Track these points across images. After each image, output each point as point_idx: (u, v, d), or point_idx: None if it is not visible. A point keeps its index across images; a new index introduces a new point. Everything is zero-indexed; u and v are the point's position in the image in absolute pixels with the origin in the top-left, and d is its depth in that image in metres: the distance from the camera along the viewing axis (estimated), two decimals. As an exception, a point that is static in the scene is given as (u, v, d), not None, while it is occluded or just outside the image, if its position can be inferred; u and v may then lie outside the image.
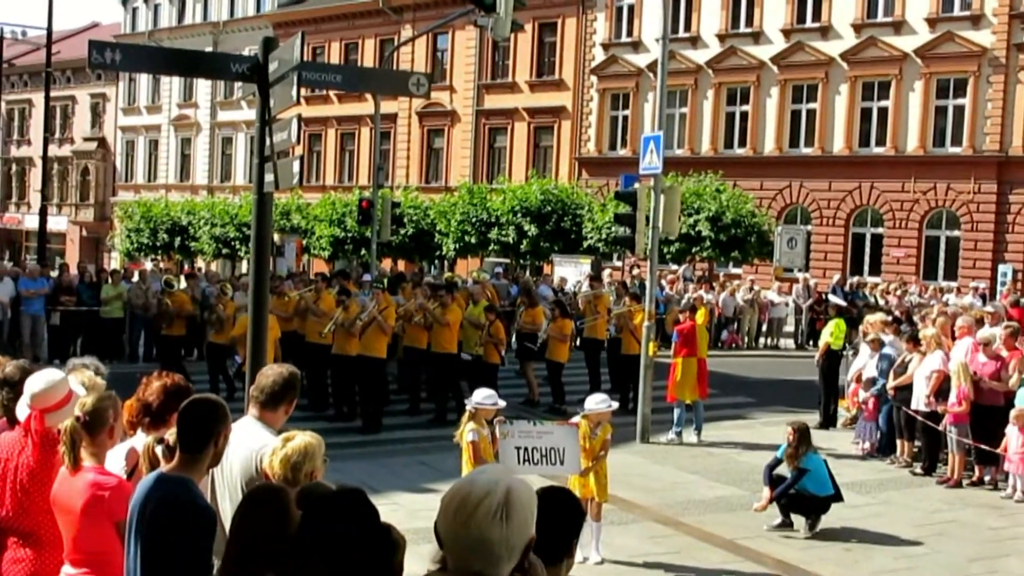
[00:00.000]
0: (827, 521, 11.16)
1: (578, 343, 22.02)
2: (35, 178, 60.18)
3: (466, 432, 9.32)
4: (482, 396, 9.55)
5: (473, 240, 36.92)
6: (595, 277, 25.47)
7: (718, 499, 12.42)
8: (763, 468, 11.59)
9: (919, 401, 14.01)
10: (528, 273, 35.01)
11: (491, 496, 2.78)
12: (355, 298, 16.97)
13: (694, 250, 32.61)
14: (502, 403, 9.78)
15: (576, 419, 10.14)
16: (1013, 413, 12.90)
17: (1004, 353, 13.72)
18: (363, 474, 12.32)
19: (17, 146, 69.09)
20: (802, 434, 11.14)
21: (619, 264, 36.47)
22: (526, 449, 9.47)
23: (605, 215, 31.82)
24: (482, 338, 17.30)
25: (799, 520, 11.15)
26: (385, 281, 21.64)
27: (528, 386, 18.88)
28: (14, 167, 69.47)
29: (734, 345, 28.62)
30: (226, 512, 5.36)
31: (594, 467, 9.91)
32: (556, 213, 35.39)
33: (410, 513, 10.46)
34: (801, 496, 11.11)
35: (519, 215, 35.48)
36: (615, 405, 10.48)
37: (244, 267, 40.61)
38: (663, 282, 27.62)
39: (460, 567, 2.80)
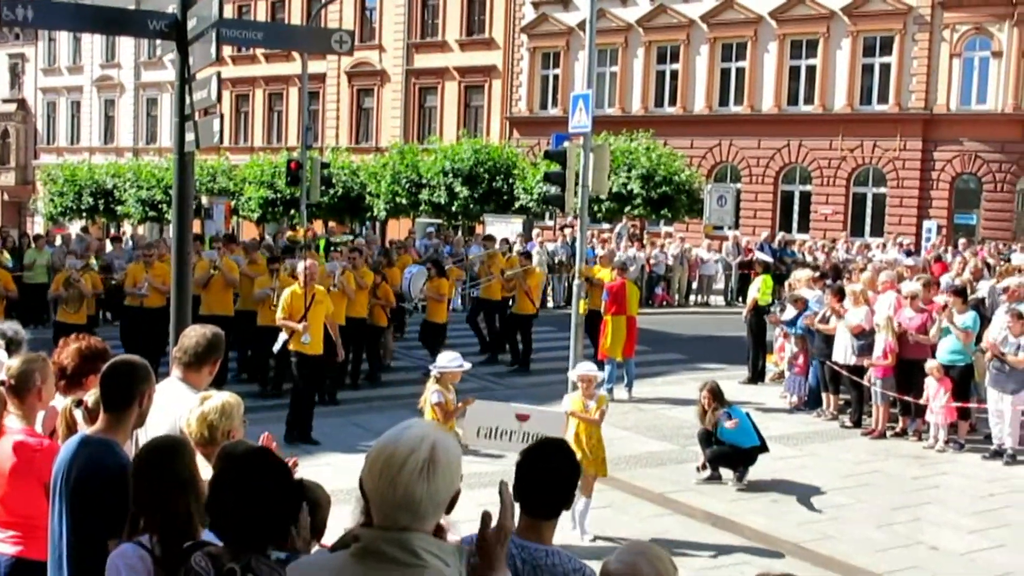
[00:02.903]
0: (755, 473, 11.36)
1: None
2: (-48, 141, 58.79)
3: (430, 395, 9.03)
4: (446, 360, 9.19)
5: (404, 201, 36.76)
6: (488, 237, 25.43)
7: (649, 454, 12.58)
8: (694, 430, 11.75)
9: (843, 355, 14.29)
10: (460, 233, 35.00)
11: (416, 454, 2.80)
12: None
13: (625, 208, 32.75)
14: (467, 365, 9.43)
15: (566, 406, 9.73)
16: (930, 366, 13.21)
17: (924, 306, 14.01)
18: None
19: (-68, 109, 67.18)
20: (714, 393, 11.30)
21: (551, 223, 36.53)
22: (493, 429, 9.02)
23: (536, 174, 31.82)
24: (370, 300, 17.06)
25: (728, 473, 11.34)
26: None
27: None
28: (-70, 130, 67.60)
29: (665, 303, 28.88)
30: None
31: (589, 442, 9.54)
32: (488, 173, 35.31)
33: (342, 472, 10.46)
34: (727, 450, 11.29)
35: (450, 176, 35.36)
36: (602, 374, 10.16)
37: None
38: (595, 241, 27.76)
39: (386, 523, 2.83)
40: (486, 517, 3.10)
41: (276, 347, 13.01)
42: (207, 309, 15.45)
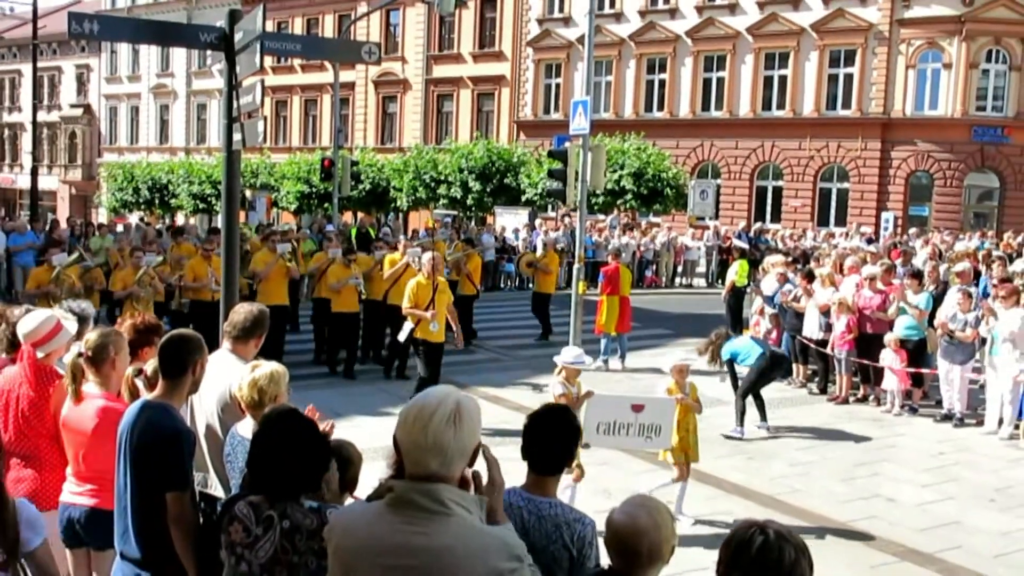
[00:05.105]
0: (733, 434, 11.35)
1: None
2: (26, 141, 58.71)
3: (553, 387, 8.56)
4: (569, 356, 8.57)
5: (423, 195, 36.74)
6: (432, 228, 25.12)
7: (639, 417, 12.52)
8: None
9: (812, 330, 14.27)
10: (473, 223, 34.99)
11: (443, 405, 2.87)
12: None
13: (619, 201, 32.68)
14: (587, 360, 8.83)
15: (663, 392, 9.18)
16: (888, 338, 13.19)
17: (883, 287, 13.96)
18: (328, 400, 12.24)
19: (9, 112, 67.23)
20: (715, 343, 11.90)
21: (553, 214, 36.47)
22: (611, 424, 8.23)
23: (541, 171, 31.77)
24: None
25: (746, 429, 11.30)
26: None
27: None
28: (6, 132, 67.60)
29: (653, 284, 28.83)
30: (202, 433, 5.37)
31: (688, 429, 9.16)
32: (498, 170, 35.26)
33: (370, 434, 10.45)
34: (751, 372, 11.77)
35: (465, 172, 35.32)
36: (691, 360, 9.83)
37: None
38: (593, 230, 27.70)
39: (417, 469, 2.86)
40: (476, 476, 3.10)
41: (402, 336, 12.22)
42: (263, 298, 13.83)
